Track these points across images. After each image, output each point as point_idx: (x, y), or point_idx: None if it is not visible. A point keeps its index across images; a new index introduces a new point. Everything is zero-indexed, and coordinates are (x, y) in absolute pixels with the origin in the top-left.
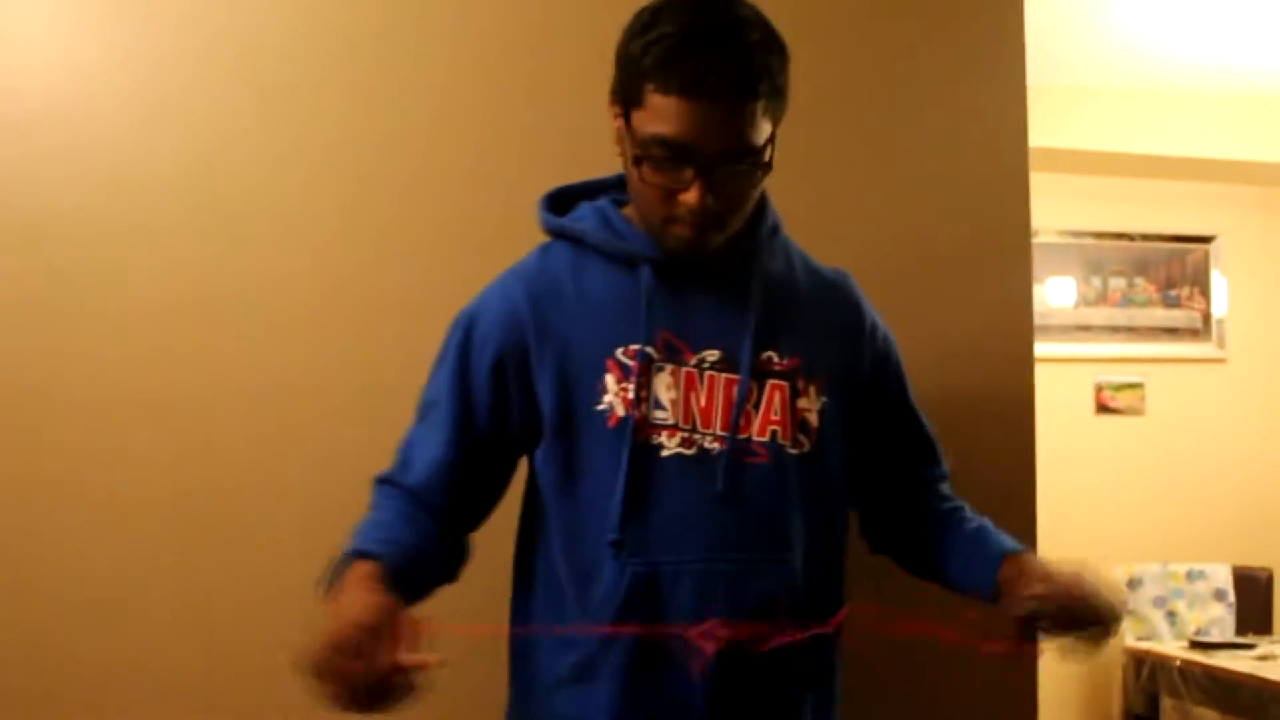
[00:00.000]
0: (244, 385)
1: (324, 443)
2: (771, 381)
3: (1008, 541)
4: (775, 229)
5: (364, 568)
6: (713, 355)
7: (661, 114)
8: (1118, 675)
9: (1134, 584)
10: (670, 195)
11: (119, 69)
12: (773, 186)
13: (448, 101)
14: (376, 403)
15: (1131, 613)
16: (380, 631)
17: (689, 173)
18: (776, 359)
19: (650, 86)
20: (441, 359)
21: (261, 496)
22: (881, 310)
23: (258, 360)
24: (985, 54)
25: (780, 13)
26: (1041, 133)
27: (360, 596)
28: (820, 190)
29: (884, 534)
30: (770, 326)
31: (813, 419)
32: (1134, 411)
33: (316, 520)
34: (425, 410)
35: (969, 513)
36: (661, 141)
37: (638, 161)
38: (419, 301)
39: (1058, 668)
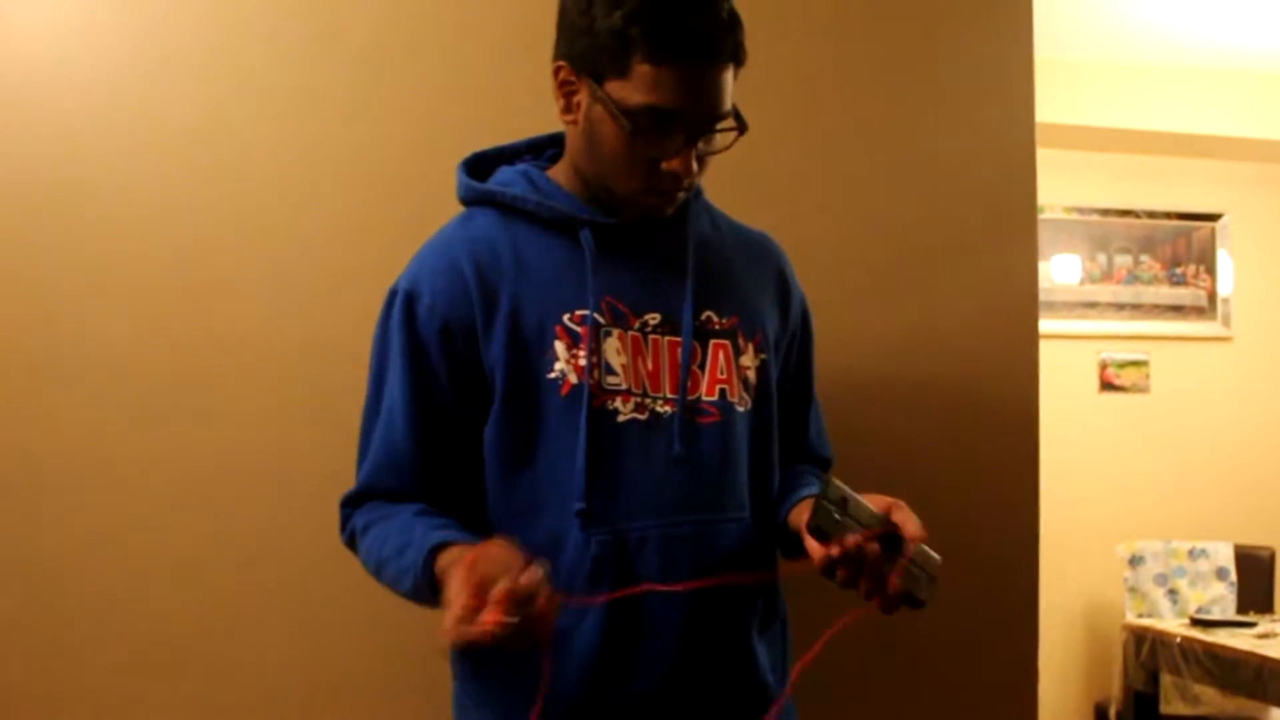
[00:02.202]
0: (248, 364)
1: (329, 427)
2: (714, 341)
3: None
4: (699, 191)
5: (454, 549)
6: (654, 319)
7: (653, 84)
8: (1118, 653)
9: (1136, 561)
10: (654, 164)
11: (113, 55)
12: (776, 166)
13: (456, 77)
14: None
15: (1133, 590)
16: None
17: (678, 140)
18: (716, 319)
19: (638, 57)
20: (385, 340)
21: (268, 484)
22: (884, 288)
23: (262, 339)
24: (992, 29)
25: (797, 11)
26: (1048, 108)
27: (477, 548)
28: (825, 167)
29: None
30: (706, 287)
31: (752, 376)
32: (1138, 389)
33: (317, 508)
34: (379, 401)
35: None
36: (653, 110)
37: (631, 133)
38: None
39: (1059, 643)
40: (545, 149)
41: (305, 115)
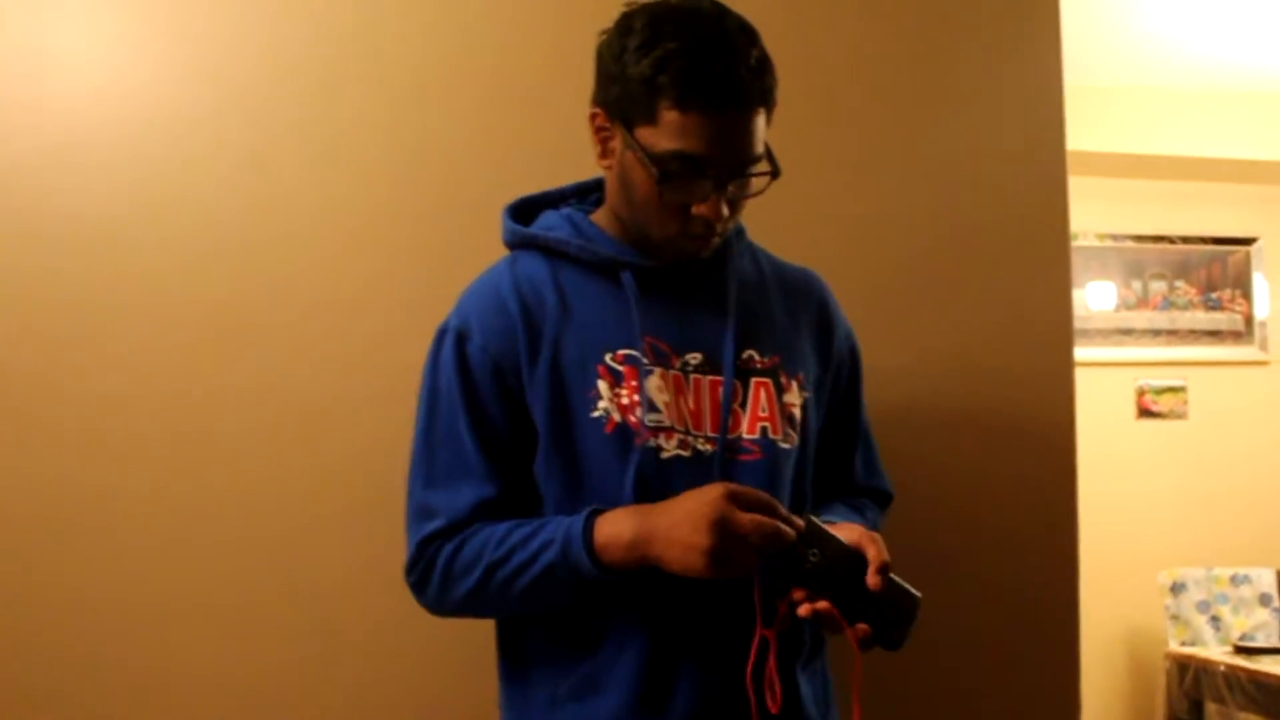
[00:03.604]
0: (282, 393)
1: (355, 449)
2: (755, 379)
3: (853, 517)
4: (741, 231)
5: (615, 512)
6: (695, 358)
7: (680, 131)
8: (1161, 681)
9: (1177, 589)
10: (684, 209)
11: (162, 91)
12: (807, 190)
13: (482, 113)
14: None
15: (1175, 618)
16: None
17: (706, 186)
18: (758, 358)
19: (665, 104)
20: (435, 379)
21: (287, 501)
22: (919, 315)
23: (289, 369)
24: (1021, 57)
25: (816, 16)
26: (1079, 136)
27: (676, 502)
28: (860, 196)
29: None
30: (748, 326)
31: (798, 413)
32: (1176, 415)
33: (337, 521)
34: (437, 447)
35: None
36: (681, 157)
37: (660, 179)
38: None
39: (1100, 673)
40: (590, 193)
41: (350, 157)
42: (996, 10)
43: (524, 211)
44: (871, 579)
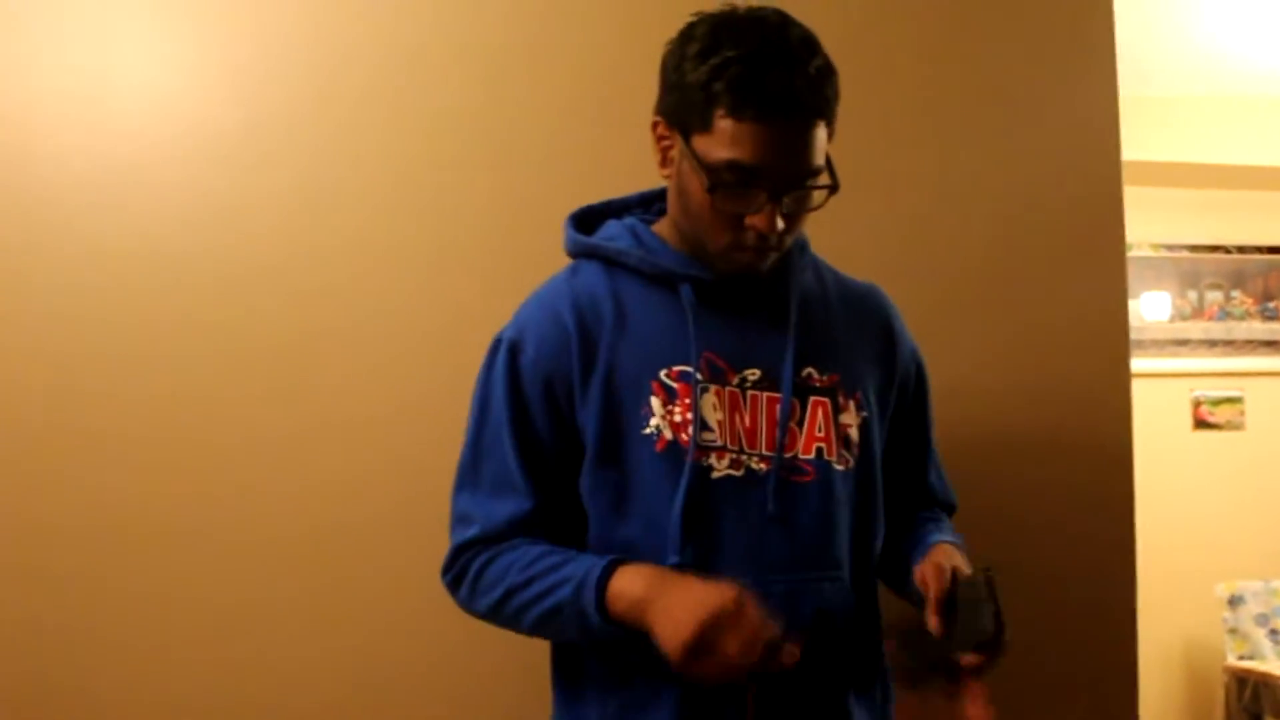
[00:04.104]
0: (345, 419)
1: (421, 477)
2: (813, 398)
3: (934, 535)
4: (804, 246)
5: (638, 566)
6: (754, 375)
7: (734, 139)
8: (1220, 695)
9: (1235, 602)
10: (738, 220)
11: (215, 112)
12: (861, 201)
13: (545, 122)
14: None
15: (1233, 631)
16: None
17: (761, 197)
18: (816, 375)
19: (720, 111)
20: (487, 390)
21: (321, 509)
22: (973, 327)
23: (353, 393)
24: (1076, 67)
25: (870, 28)
26: (1134, 146)
27: (696, 581)
28: (912, 207)
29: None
30: (808, 343)
31: (854, 434)
32: (1233, 426)
33: (407, 555)
34: (483, 457)
35: (931, 516)
36: (734, 167)
37: (711, 189)
38: (467, 311)
39: (1158, 687)
40: (654, 203)
41: (402, 167)
42: (1050, 20)
43: (586, 221)
44: (930, 621)
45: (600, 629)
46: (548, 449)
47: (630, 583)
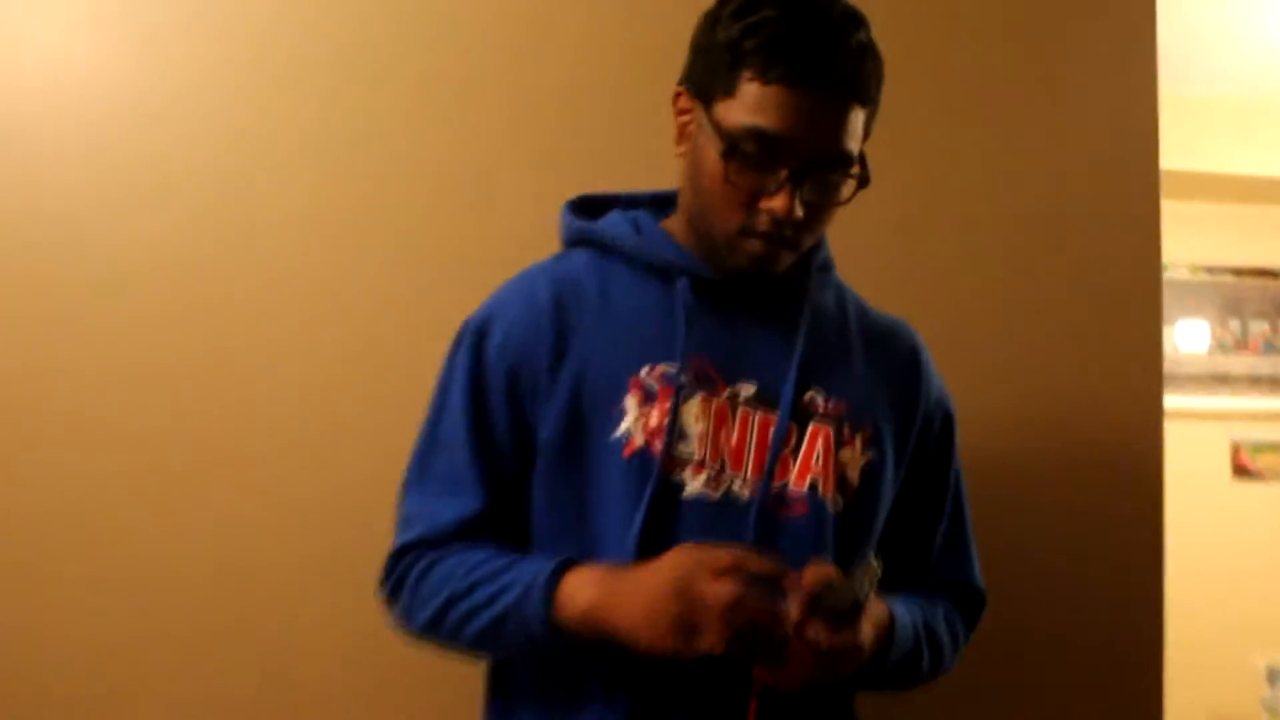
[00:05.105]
0: (252, 389)
1: (336, 448)
2: (814, 425)
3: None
4: (827, 265)
5: (590, 568)
6: (748, 389)
7: (758, 103)
8: None
9: (1275, 676)
10: (752, 200)
11: (131, 67)
12: (869, 210)
13: (468, 102)
14: (386, 404)
15: (1273, 711)
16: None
17: (781, 174)
18: (821, 401)
19: (748, 73)
20: (449, 377)
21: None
22: (993, 359)
23: (265, 364)
24: (1108, 62)
25: (897, 28)
26: (1173, 153)
27: (652, 562)
28: (926, 215)
29: None
30: (817, 364)
31: (852, 475)
32: (1277, 475)
33: (315, 520)
34: (435, 451)
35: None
36: (755, 134)
37: (726, 154)
38: (438, 305)
39: None
40: (667, 205)
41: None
42: (1081, 9)
43: (588, 210)
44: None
45: (546, 639)
46: (505, 446)
47: (581, 586)
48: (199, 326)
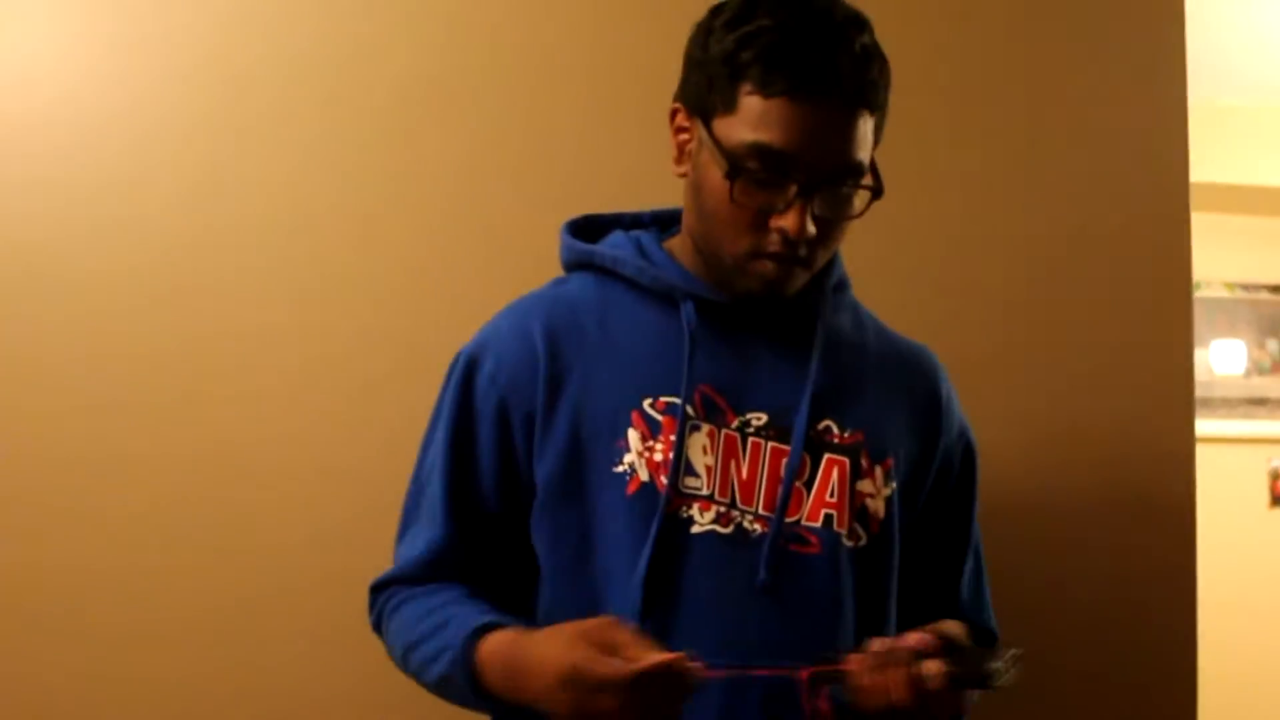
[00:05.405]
0: (249, 396)
1: (328, 450)
2: (829, 456)
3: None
4: (842, 285)
5: (506, 633)
6: (759, 419)
7: (761, 119)
8: None
9: None
10: (761, 220)
11: (123, 74)
12: (882, 224)
13: (468, 113)
14: (378, 412)
15: None
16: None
17: (790, 190)
18: (836, 430)
19: (747, 87)
20: (437, 413)
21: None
22: (1015, 381)
23: (259, 368)
24: (1136, 68)
25: (919, 41)
26: (1204, 164)
27: (554, 633)
28: (943, 229)
29: None
30: (832, 392)
31: (876, 506)
32: None
33: (309, 526)
34: (419, 484)
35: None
36: (760, 151)
37: (731, 175)
38: (434, 312)
39: None
40: (671, 224)
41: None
42: (1109, 14)
43: (589, 232)
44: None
45: (490, 709)
46: (489, 479)
47: (491, 656)
48: (196, 327)
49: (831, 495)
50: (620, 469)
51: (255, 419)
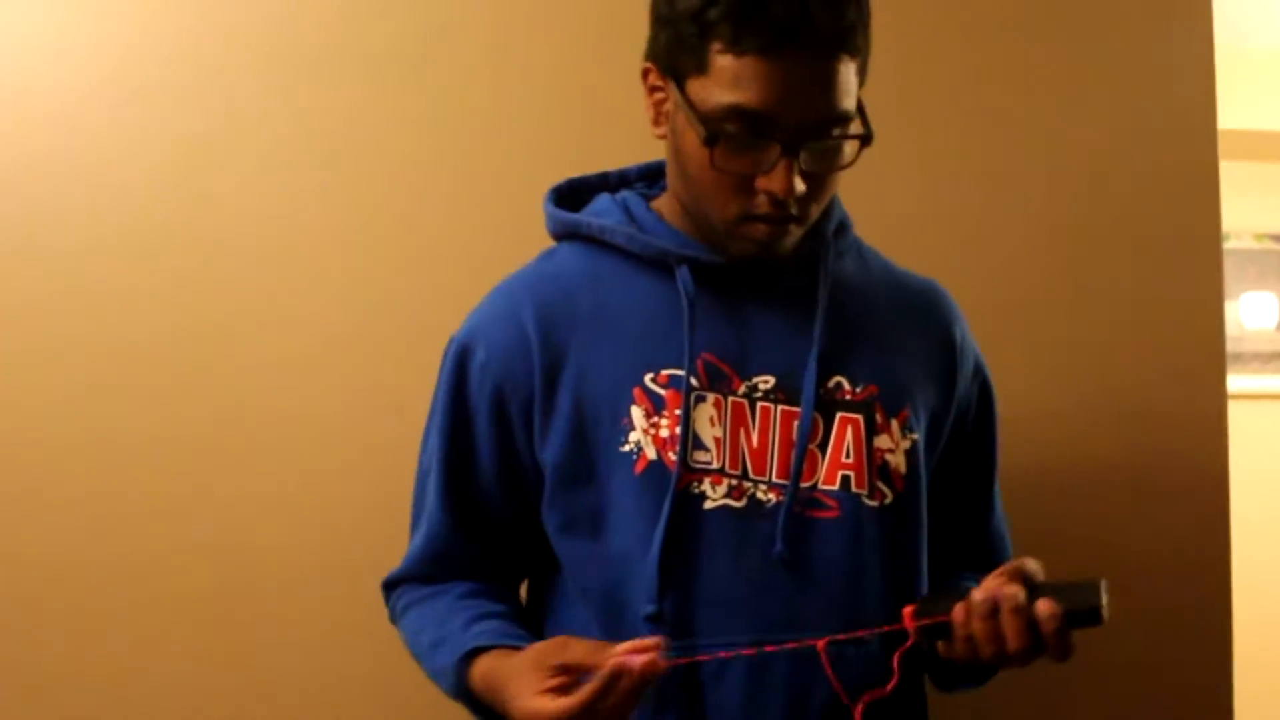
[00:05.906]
0: (231, 388)
1: (329, 437)
2: (841, 415)
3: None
4: (843, 226)
5: (488, 659)
6: (766, 382)
7: (735, 79)
8: None
9: None
10: (746, 183)
11: (103, 58)
12: (900, 181)
13: (451, 89)
14: (382, 403)
15: None
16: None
17: (773, 150)
18: (848, 386)
19: (717, 45)
20: (435, 404)
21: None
22: (1038, 338)
23: (244, 365)
24: (1161, 12)
25: None
26: (1233, 111)
27: (516, 662)
28: (964, 185)
29: None
30: (840, 346)
31: (896, 461)
32: None
33: (319, 519)
34: (421, 476)
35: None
36: (737, 113)
37: (709, 142)
38: (428, 300)
39: None
40: (660, 178)
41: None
42: None
43: (573, 197)
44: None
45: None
46: (488, 468)
47: (480, 681)
48: (194, 326)
49: (848, 456)
50: (627, 448)
51: (254, 403)
